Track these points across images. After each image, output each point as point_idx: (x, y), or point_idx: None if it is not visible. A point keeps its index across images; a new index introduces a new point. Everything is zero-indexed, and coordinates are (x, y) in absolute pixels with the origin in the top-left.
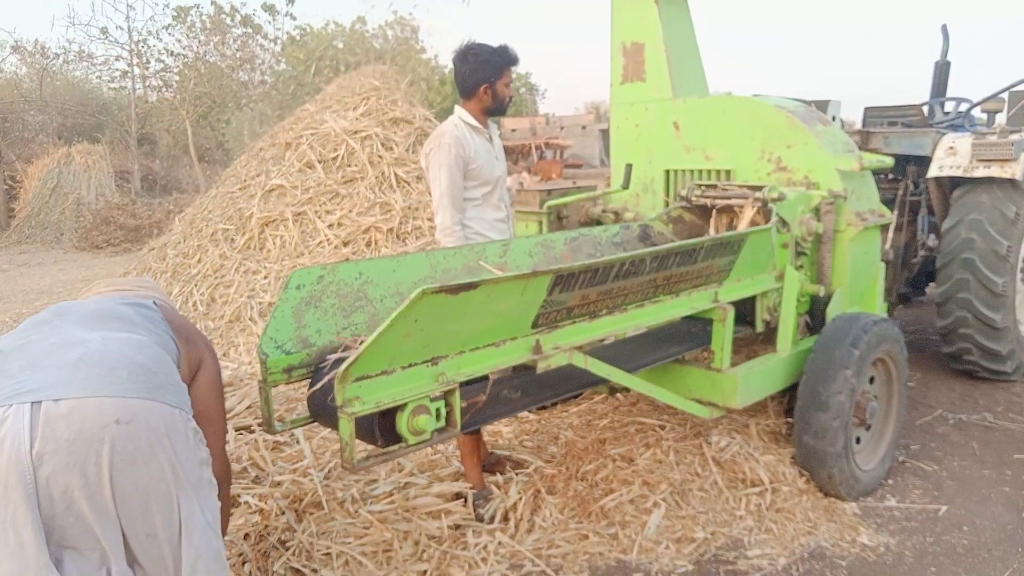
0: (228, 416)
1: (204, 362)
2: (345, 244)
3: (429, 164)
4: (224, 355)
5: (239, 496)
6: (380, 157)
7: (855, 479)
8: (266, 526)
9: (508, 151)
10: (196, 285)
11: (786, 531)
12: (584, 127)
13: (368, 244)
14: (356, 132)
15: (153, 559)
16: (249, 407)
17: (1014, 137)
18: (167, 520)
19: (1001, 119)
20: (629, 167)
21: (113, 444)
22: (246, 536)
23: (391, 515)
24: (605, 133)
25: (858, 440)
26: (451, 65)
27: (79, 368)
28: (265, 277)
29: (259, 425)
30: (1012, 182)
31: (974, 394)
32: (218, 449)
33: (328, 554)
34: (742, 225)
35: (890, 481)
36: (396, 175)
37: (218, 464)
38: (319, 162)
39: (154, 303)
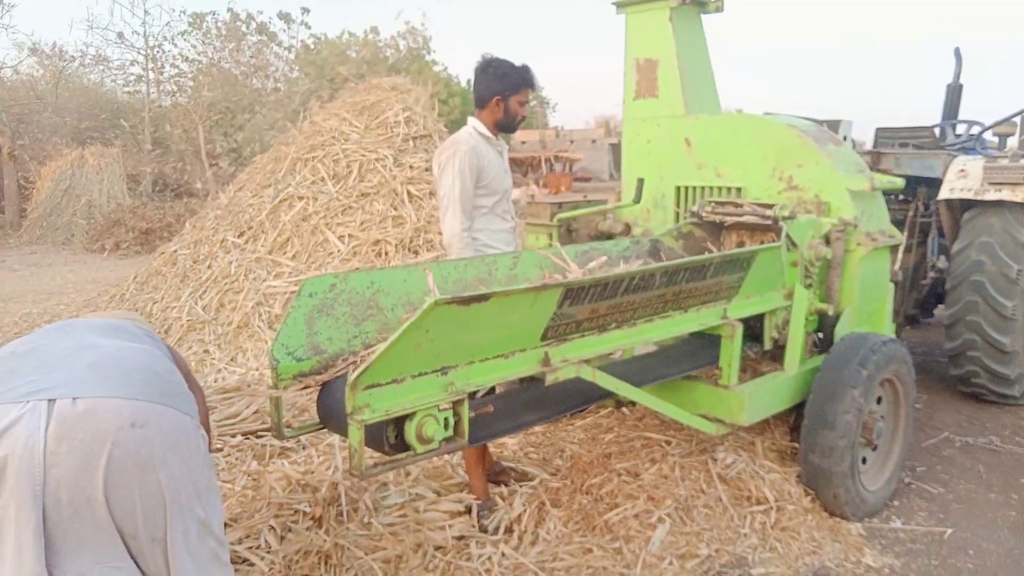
0: (234, 421)
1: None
2: (355, 255)
3: (443, 170)
4: (232, 360)
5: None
6: (394, 176)
7: (861, 499)
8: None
9: (518, 163)
10: (206, 290)
11: (790, 550)
12: (594, 141)
13: (379, 255)
14: (370, 152)
15: (151, 562)
16: (256, 412)
17: None
18: (173, 525)
19: (1013, 142)
20: (641, 182)
21: (126, 447)
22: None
23: (401, 528)
24: (615, 147)
25: (864, 460)
26: (459, 77)
27: (94, 370)
28: (274, 285)
29: (266, 430)
30: (1023, 206)
31: (981, 417)
32: None
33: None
34: None
35: (896, 502)
36: (409, 192)
37: None
38: (331, 177)
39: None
